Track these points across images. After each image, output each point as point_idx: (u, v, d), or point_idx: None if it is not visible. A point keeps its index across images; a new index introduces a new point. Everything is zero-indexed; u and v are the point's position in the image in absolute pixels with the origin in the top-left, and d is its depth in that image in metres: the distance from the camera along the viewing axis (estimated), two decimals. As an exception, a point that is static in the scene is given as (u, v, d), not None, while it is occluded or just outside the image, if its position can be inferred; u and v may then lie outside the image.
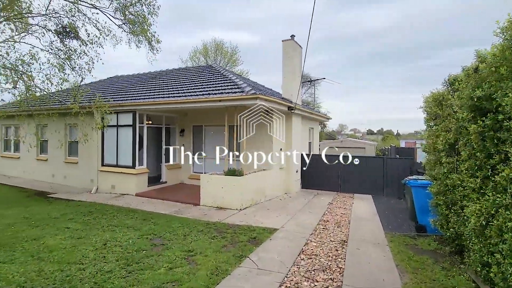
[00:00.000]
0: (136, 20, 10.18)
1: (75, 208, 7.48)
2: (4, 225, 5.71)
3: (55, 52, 8.81)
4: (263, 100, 7.69)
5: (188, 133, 11.18)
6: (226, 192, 7.75)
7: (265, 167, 9.20)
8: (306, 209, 7.81)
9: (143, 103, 9.07)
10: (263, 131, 9.34)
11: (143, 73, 14.91)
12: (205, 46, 31.47)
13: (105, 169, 9.86)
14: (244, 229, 5.85)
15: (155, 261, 4.14)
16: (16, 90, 7.34)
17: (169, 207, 7.78)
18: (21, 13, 8.31)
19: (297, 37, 10.76)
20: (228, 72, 11.55)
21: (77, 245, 4.74)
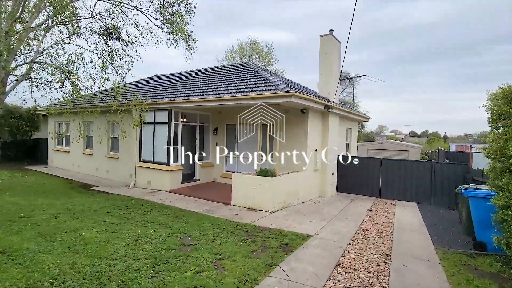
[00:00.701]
0: (174, 20, 10.39)
1: (113, 202, 7.76)
2: (50, 215, 6.05)
3: (100, 52, 9.28)
4: (298, 98, 7.30)
5: (221, 131, 11.16)
6: (257, 193, 7.51)
7: (298, 168, 8.80)
8: (342, 215, 7.28)
9: (177, 101, 9.18)
10: (297, 131, 8.95)
11: (179, 72, 15.29)
12: (240, 46, 31.69)
13: (142, 165, 10.19)
14: (275, 233, 5.55)
15: (183, 262, 4.02)
16: (64, 88, 7.83)
17: (200, 206, 7.75)
18: (70, 17, 8.85)
19: (336, 35, 10.16)
20: (262, 70, 11.30)
21: (110, 239, 4.81)
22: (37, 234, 4.81)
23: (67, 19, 8.94)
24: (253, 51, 31.70)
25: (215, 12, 60.45)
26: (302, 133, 8.84)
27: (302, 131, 8.84)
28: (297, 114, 8.93)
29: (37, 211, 6.23)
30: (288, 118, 9.12)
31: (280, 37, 63.97)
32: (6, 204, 6.74)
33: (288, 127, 9.10)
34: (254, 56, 31.78)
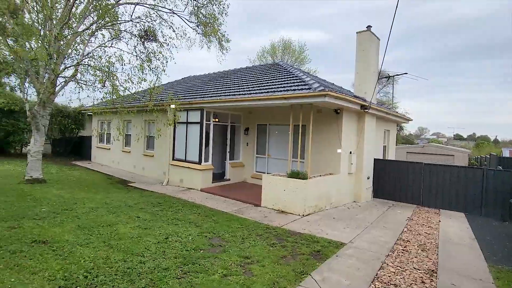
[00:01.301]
0: (207, 22, 10.53)
1: (147, 198, 8.02)
2: (89, 209, 6.38)
3: (138, 54, 9.67)
4: (332, 97, 6.96)
5: (252, 131, 11.09)
6: (288, 195, 7.29)
7: (331, 171, 8.42)
8: (379, 223, 6.79)
9: (209, 101, 9.27)
10: (331, 132, 8.57)
11: (212, 73, 15.53)
12: (273, 46, 31.53)
13: (175, 163, 10.45)
14: (307, 239, 5.30)
15: (211, 264, 3.95)
16: (105, 88, 8.26)
17: (230, 206, 7.72)
18: (112, 21, 9.33)
19: (373, 31, 9.59)
20: (294, 69, 11.04)
21: (142, 235, 4.91)
22: (76, 226, 5.07)
23: (109, 23, 9.44)
24: (285, 51, 31.38)
25: (248, 13, 61.02)
26: (336, 134, 8.44)
27: (336, 132, 8.44)
28: (331, 114, 8.55)
29: (78, 205, 6.61)
30: (321, 119, 8.77)
31: (312, 37, 62.69)
32: (53, 196, 7.24)
33: (321, 128, 8.76)
34: (286, 56, 31.45)
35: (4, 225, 4.78)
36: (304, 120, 7.93)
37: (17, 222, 4.97)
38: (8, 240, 4.16)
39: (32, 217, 5.37)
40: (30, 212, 5.65)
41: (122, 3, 9.55)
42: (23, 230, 4.60)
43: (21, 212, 5.60)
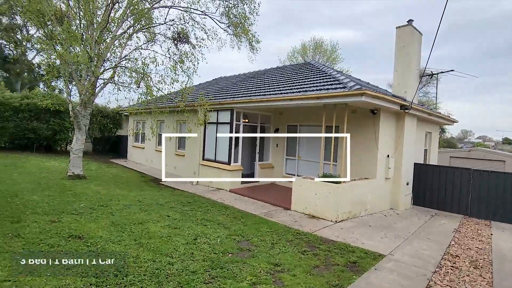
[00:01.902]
0: (238, 22, 10.51)
1: (177, 197, 8.12)
2: (123, 206, 6.56)
3: (171, 56, 9.89)
4: (369, 96, 6.50)
5: (282, 132, 10.84)
6: (319, 200, 6.95)
7: (367, 175, 7.91)
8: (422, 234, 6.20)
9: (239, 101, 9.19)
10: (367, 134, 8.06)
11: (242, 74, 15.53)
12: (303, 46, 30.99)
13: (205, 163, 10.53)
14: (341, 248, 4.95)
15: (239, 269, 3.79)
16: (140, 89, 8.53)
17: (259, 208, 7.55)
18: (148, 24, 9.64)
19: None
20: (327, 68, 10.62)
21: (172, 235, 4.90)
22: (110, 223, 5.20)
23: (145, 27, 9.77)
24: (317, 50, 30.66)
25: (279, 13, 60.65)
26: (372, 136, 7.92)
27: (372, 134, 7.91)
28: (367, 115, 8.05)
29: (113, 201, 6.84)
30: (356, 120, 8.30)
31: (344, 36, 60.63)
32: (91, 192, 7.59)
33: (356, 130, 8.28)
34: (318, 56, 30.71)
35: (46, 218, 5.04)
36: (338, 121, 7.54)
37: (58, 216, 5.22)
38: (48, 233, 4.35)
39: (71, 212, 5.62)
40: (69, 207, 5.93)
41: (157, 6, 9.84)
42: (61, 225, 4.81)
43: (61, 206, 5.90)
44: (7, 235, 4.12)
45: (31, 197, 6.31)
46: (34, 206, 5.66)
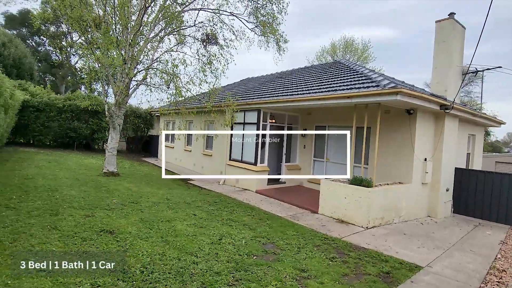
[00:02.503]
0: (266, 22, 10.44)
1: (204, 197, 8.20)
2: (152, 203, 6.74)
3: (199, 57, 10.07)
4: (405, 95, 6.08)
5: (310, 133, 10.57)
6: (349, 204, 6.63)
7: (401, 179, 7.43)
8: (464, 245, 5.66)
9: (266, 101, 9.09)
10: (402, 135, 7.57)
11: (270, 74, 15.44)
12: (333, 45, 30.22)
13: (231, 163, 10.57)
14: (372, 256, 4.65)
15: (264, 273, 3.68)
16: (169, 90, 8.77)
17: (285, 210, 7.38)
18: (178, 27, 9.89)
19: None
20: (358, 66, 10.18)
21: (197, 234, 4.91)
22: (139, 219, 5.34)
23: (176, 29, 10.04)
24: (347, 49, 29.73)
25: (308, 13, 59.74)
26: (408, 138, 7.42)
27: (408, 135, 7.41)
28: (402, 115, 7.56)
29: (143, 198, 7.05)
30: (390, 120, 7.83)
31: (378, 34, 57.95)
32: (123, 189, 7.90)
33: (389, 131, 7.82)
34: (348, 55, 29.77)
35: (81, 213, 5.29)
36: (370, 122, 7.15)
37: (92, 211, 5.47)
38: (82, 227, 4.56)
39: (104, 207, 5.86)
40: (102, 202, 6.20)
41: (187, 9, 10.07)
42: (95, 219, 5.02)
43: (96, 202, 6.18)
44: (46, 227, 4.37)
45: (69, 192, 6.70)
46: (71, 201, 5.98)
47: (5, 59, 18.12)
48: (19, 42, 20.64)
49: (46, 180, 7.62)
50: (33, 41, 30.17)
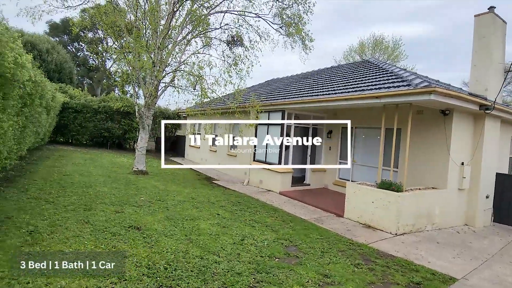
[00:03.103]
0: (291, 22, 10.35)
1: (228, 197, 8.28)
2: (177, 201, 6.92)
3: (225, 59, 10.21)
4: (440, 95, 5.72)
5: (336, 134, 10.30)
6: (377, 209, 6.35)
7: (435, 184, 6.99)
8: (504, 257, 5.20)
9: (291, 102, 9.00)
10: (435, 137, 7.13)
11: (295, 75, 15.28)
12: (361, 44, 29.29)
13: (255, 164, 10.58)
14: (401, 264, 4.40)
15: (285, 277, 3.61)
16: (195, 91, 8.98)
17: (309, 212, 7.25)
18: (204, 30, 10.11)
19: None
20: (388, 65, 9.75)
21: (220, 234, 4.96)
22: (165, 217, 5.50)
23: (202, 32, 10.27)
24: (376, 48, 28.65)
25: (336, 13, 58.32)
26: (443, 140, 6.96)
27: (443, 138, 6.96)
28: (436, 116, 7.12)
29: (169, 196, 7.27)
30: (422, 121, 7.41)
31: (411, 31, 55.01)
32: (151, 187, 8.20)
33: (422, 132, 7.40)
34: (377, 54, 28.68)
35: (112, 209, 5.56)
36: (400, 123, 6.81)
37: (121, 208, 5.73)
38: (112, 222, 4.78)
39: (132, 204, 6.12)
40: (131, 199, 6.48)
41: (213, 12, 10.26)
42: (124, 215, 5.25)
43: (125, 198, 6.47)
44: (80, 221, 4.64)
45: (102, 188, 7.08)
46: (103, 197, 6.32)
47: (48, 64, 19.63)
48: (60, 48, 22.28)
49: (82, 177, 8.12)
50: (73, 47, 32.44)
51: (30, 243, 3.61)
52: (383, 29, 55.65)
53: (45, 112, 9.39)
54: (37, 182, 6.78)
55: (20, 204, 4.99)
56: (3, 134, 3.77)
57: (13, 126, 4.30)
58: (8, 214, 4.43)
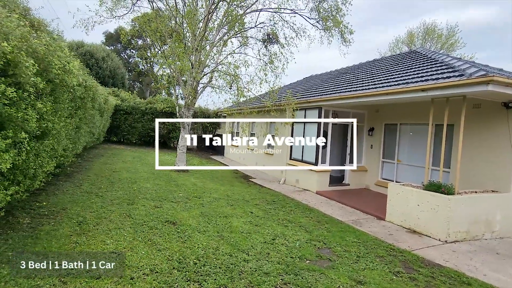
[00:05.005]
0: (328, 16, 9.95)
1: (263, 195, 8.27)
2: (213, 199, 7.11)
3: (261, 57, 10.20)
4: (500, 85, 5.00)
5: (378, 132, 9.65)
6: (423, 212, 5.79)
7: (495, 187, 6.15)
8: None
9: (327, 99, 8.65)
10: (494, 133, 6.28)
11: (334, 70, 14.68)
12: (410, 33, 27.05)
13: (291, 163, 10.41)
14: (450, 276, 3.94)
15: (315, 280, 3.47)
16: (232, 90, 9.13)
17: (346, 214, 6.90)
18: (240, 30, 10.21)
19: None
20: (439, 55, 8.81)
21: (252, 232, 4.96)
22: (200, 213, 5.68)
23: (238, 32, 10.40)
24: (427, 37, 26.23)
25: (382, 3, 54.54)
26: (505, 137, 6.09)
27: (505, 134, 6.08)
28: (497, 109, 6.26)
29: (205, 194, 7.50)
30: (479, 116, 6.58)
31: (469, 16, 48.79)
32: (190, 184, 8.56)
33: (479, 129, 6.57)
34: (429, 44, 26.25)
35: (152, 204, 5.91)
36: (452, 118, 6.12)
37: (160, 203, 6.06)
38: (150, 216, 5.08)
39: (171, 199, 6.44)
40: (170, 195, 6.82)
41: (249, 11, 10.31)
42: (162, 210, 5.54)
43: (165, 194, 6.84)
44: (123, 214, 5.01)
45: (145, 184, 7.57)
46: (145, 192, 6.75)
47: (103, 71, 21.67)
48: (114, 55, 24.43)
49: (129, 173, 8.78)
50: (125, 54, 35.37)
51: (78, 232, 3.99)
52: (436, 17, 50.52)
53: (99, 114, 10.35)
54: (90, 177, 7.51)
55: (74, 197, 5.57)
56: (57, 134, 4.22)
57: (66, 127, 4.80)
58: (63, 206, 4.96)
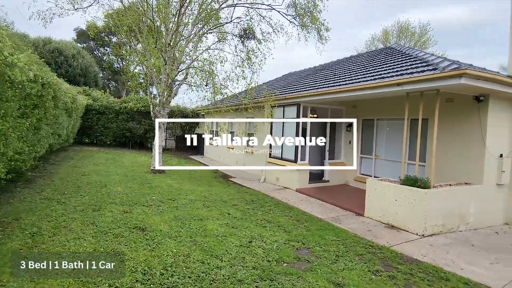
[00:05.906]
0: (305, 12, 9.84)
1: (242, 195, 8.03)
2: (189, 201, 6.78)
3: (238, 53, 9.92)
4: (472, 78, 5.05)
5: (357, 128, 9.67)
6: (401, 207, 5.78)
7: (468, 179, 6.27)
8: (557, 264, 4.46)
9: (305, 95, 8.53)
10: (467, 127, 6.39)
11: (312, 67, 14.66)
12: (385, 31, 27.74)
13: (271, 161, 10.24)
14: (429, 271, 3.89)
15: (292, 285, 3.27)
16: (207, 87, 8.79)
17: (326, 211, 6.81)
18: (215, 25, 9.87)
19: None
20: (413, 50, 8.93)
21: (227, 235, 4.71)
22: (173, 217, 5.35)
23: (213, 27, 10.05)
24: (401, 35, 27.01)
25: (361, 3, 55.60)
26: (477, 130, 6.20)
27: (477, 127, 6.20)
28: (469, 103, 6.37)
29: (181, 195, 7.15)
30: (452, 110, 6.68)
31: (441, 16, 50.77)
32: (165, 186, 8.16)
33: (451, 122, 6.67)
34: (403, 41, 27.04)
35: (120, 209, 5.51)
36: (426, 112, 6.16)
37: (130, 208, 5.66)
38: (117, 223, 4.69)
39: (142, 203, 6.05)
40: (143, 199, 6.42)
41: (224, 6, 9.99)
42: (131, 216, 5.16)
43: (137, 198, 6.43)
44: (86, 222, 4.60)
45: (115, 188, 7.11)
46: (115, 197, 6.31)
47: (74, 69, 20.52)
48: (86, 53, 23.21)
49: (99, 177, 8.25)
50: (99, 52, 33.80)
51: (29, 245, 3.57)
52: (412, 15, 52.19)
53: (66, 114, 9.67)
54: (54, 182, 6.94)
55: (31, 205, 5.07)
56: (2, 136, 3.75)
57: (18, 128, 4.32)
58: (17, 216, 4.48)
